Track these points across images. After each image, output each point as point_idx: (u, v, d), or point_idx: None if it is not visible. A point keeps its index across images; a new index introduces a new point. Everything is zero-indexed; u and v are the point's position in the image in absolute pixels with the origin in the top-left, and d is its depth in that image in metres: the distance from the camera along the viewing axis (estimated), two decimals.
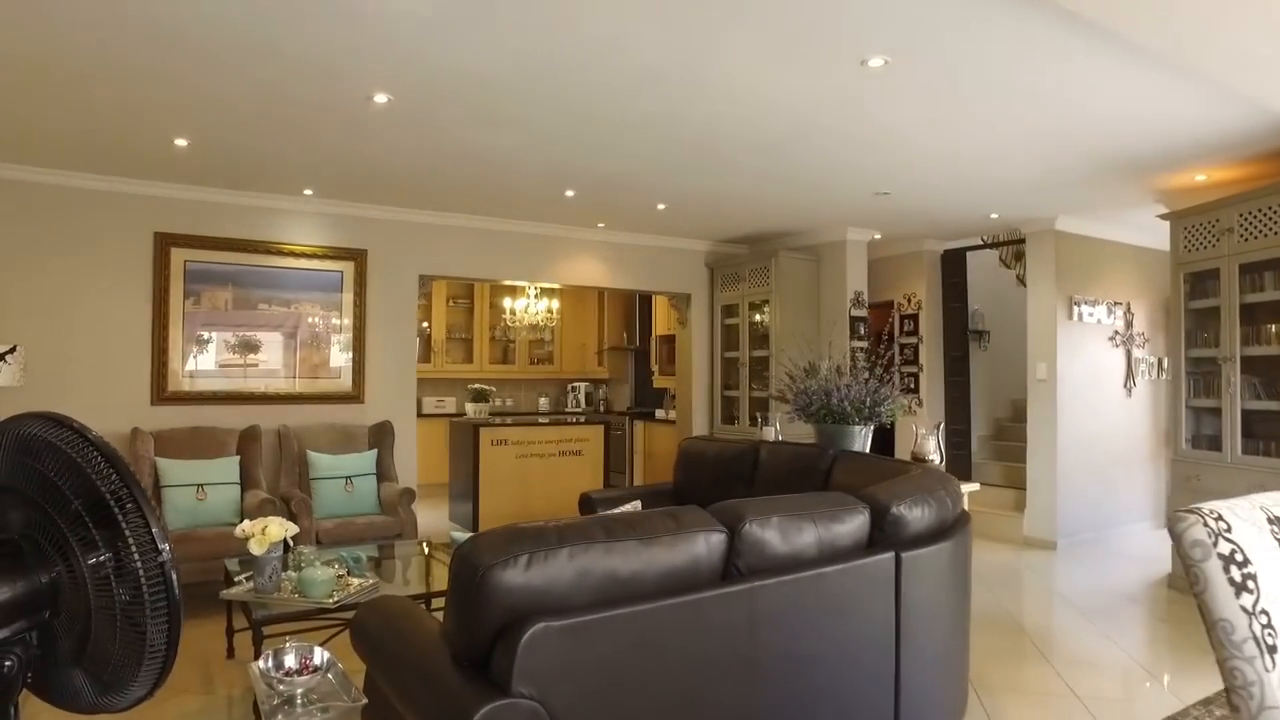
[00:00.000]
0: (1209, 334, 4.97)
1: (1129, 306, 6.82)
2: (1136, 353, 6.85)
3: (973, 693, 3.24)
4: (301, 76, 3.39)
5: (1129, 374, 6.80)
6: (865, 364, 4.48)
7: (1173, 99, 3.61)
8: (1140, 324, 6.90)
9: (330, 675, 2.02)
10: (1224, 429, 4.76)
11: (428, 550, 4.31)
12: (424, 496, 5.76)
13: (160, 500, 4.69)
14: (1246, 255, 4.63)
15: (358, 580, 3.35)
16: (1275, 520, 1.46)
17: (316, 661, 2.02)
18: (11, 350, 4.79)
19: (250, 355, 5.59)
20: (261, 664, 1.99)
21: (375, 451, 5.60)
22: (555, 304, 8.95)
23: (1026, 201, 5.73)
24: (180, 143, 4.34)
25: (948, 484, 2.96)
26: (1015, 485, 6.89)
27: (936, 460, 4.05)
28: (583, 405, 9.93)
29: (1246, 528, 1.40)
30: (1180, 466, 5.07)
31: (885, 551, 2.47)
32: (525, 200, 5.82)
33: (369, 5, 2.76)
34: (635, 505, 2.92)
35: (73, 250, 5.00)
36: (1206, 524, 1.37)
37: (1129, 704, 3.37)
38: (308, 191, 5.53)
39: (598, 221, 6.62)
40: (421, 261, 6.21)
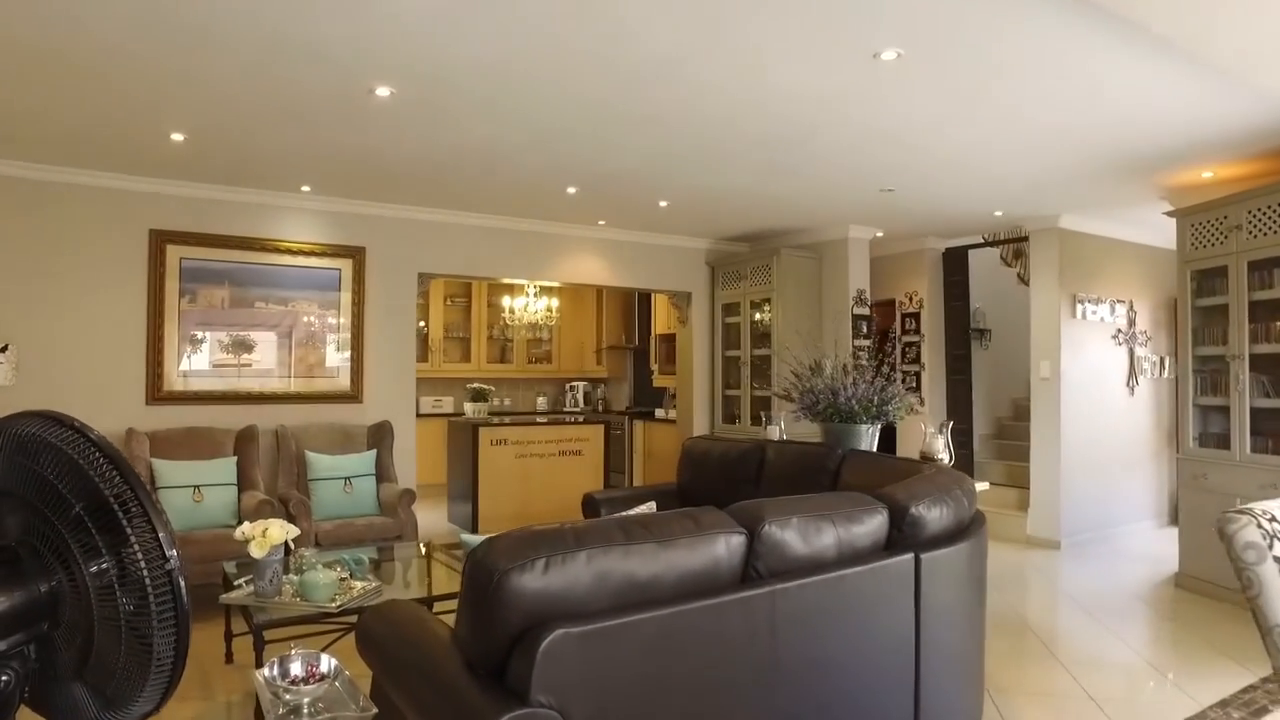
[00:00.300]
0: (1216, 331, 4.94)
1: (1131, 304, 6.79)
2: (1139, 351, 6.83)
3: (986, 695, 3.19)
4: (301, 68, 3.31)
5: (1131, 372, 6.77)
6: (870, 362, 4.43)
7: (1182, 94, 3.57)
8: (1143, 322, 6.88)
9: (338, 683, 1.95)
10: (1232, 427, 4.73)
11: (426, 552, 4.24)
12: (421, 497, 5.69)
13: None
14: (1255, 252, 4.60)
15: (360, 583, 3.28)
16: None
17: (324, 669, 1.95)
18: (3, 349, 4.70)
19: (246, 354, 5.51)
20: (266, 672, 1.92)
21: (374, 452, 5.52)
22: (554, 303, 8.89)
23: (1031, 198, 5.69)
24: (176, 137, 4.26)
25: (963, 483, 2.90)
26: (1017, 484, 6.86)
27: (946, 459, 4.00)
28: (581, 405, 9.86)
29: None
30: (1187, 465, 5.04)
31: (905, 553, 2.41)
32: (526, 197, 5.75)
33: None
34: (650, 506, 2.85)
35: (66, 247, 4.90)
36: (1261, 525, 1.32)
37: (1143, 705, 3.33)
38: (305, 188, 5.45)
39: (598, 219, 6.56)
40: (420, 259, 6.13)
